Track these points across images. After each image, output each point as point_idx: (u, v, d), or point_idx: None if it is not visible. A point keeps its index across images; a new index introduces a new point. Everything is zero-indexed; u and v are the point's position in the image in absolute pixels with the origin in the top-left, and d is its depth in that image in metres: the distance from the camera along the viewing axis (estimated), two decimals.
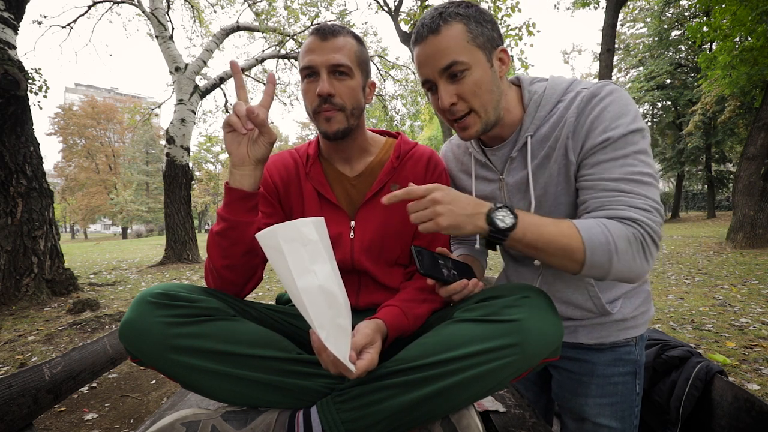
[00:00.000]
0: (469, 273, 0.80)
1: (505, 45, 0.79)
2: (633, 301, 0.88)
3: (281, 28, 8.72)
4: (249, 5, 8.55)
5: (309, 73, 0.85)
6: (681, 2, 15.60)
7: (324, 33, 0.85)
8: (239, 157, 0.73)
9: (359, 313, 0.87)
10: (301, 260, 0.58)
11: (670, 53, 17.05)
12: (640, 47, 18.34)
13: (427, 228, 0.65)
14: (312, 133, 28.82)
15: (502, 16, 6.99)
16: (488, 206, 0.67)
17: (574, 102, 0.75)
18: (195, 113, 8.10)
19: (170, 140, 7.58)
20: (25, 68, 4.02)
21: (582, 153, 0.74)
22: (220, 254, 0.77)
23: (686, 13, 15.81)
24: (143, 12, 7.94)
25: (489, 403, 0.92)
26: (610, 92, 0.73)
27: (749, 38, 6.74)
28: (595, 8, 8.47)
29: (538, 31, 6.98)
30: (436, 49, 0.74)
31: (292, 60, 9.78)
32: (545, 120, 0.80)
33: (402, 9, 8.54)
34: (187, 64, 8.04)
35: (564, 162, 0.77)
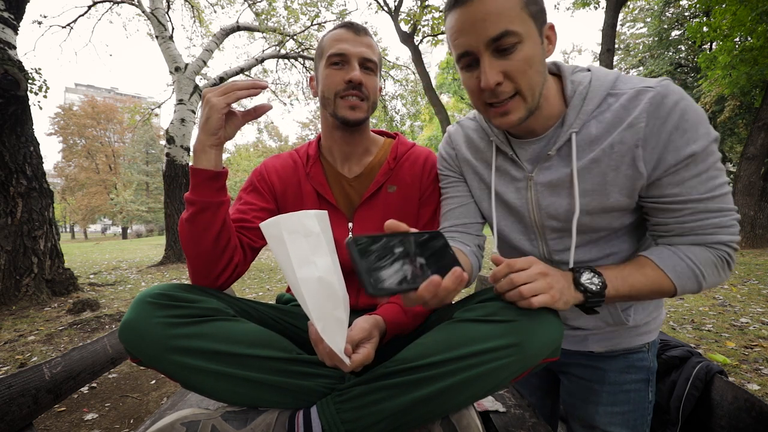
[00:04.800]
0: (447, 257, 0.58)
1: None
2: (646, 306, 0.84)
3: (281, 28, 8.72)
4: (249, 5, 8.54)
5: (338, 60, 0.87)
6: (681, 2, 15.58)
7: (357, 28, 0.89)
8: (217, 139, 0.73)
9: (359, 313, 0.87)
10: (302, 251, 0.58)
11: (670, 53, 17.03)
12: (640, 47, 18.33)
13: (542, 301, 0.60)
14: (312, 134, 28.76)
15: None
16: (568, 274, 0.65)
17: (639, 103, 0.64)
18: (195, 113, 8.09)
19: (170, 140, 7.58)
20: (25, 68, 4.01)
21: (661, 169, 0.65)
22: (191, 241, 0.76)
23: (686, 13, 15.80)
24: (143, 12, 7.93)
25: (489, 403, 0.92)
26: (682, 95, 0.64)
27: (749, 38, 6.75)
28: (595, 8, 8.45)
29: None
30: (484, 12, 0.60)
31: (292, 60, 9.77)
32: (592, 116, 0.69)
33: (402, 9, 8.53)
34: (187, 64, 8.04)
35: (631, 173, 0.66)
